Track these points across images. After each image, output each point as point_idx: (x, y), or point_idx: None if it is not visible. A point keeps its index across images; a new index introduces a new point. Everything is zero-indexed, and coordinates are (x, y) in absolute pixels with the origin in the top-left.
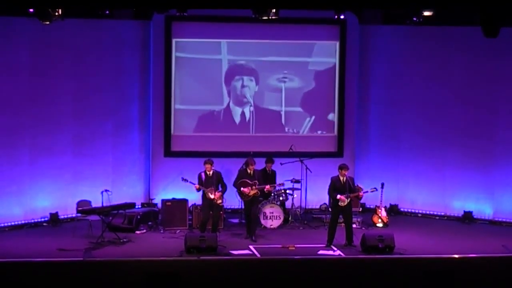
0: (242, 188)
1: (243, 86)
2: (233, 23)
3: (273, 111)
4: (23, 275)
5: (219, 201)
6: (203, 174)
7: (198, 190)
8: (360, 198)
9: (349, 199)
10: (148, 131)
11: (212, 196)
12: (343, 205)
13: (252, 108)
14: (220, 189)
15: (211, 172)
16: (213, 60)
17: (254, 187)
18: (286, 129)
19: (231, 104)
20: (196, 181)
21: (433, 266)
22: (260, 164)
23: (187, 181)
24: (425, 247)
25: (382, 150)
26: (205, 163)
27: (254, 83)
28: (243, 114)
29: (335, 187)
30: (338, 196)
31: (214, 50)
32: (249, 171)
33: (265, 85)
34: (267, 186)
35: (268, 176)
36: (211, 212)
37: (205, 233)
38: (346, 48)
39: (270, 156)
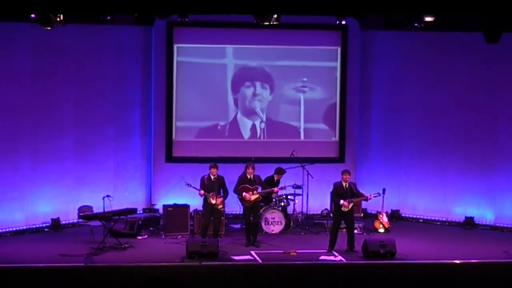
0: (244, 193)
1: (255, 94)
2: (234, 28)
3: (289, 125)
4: (24, 280)
5: (220, 206)
6: (206, 178)
7: (202, 195)
8: (367, 200)
9: (351, 205)
10: (149, 137)
11: (213, 202)
12: (346, 210)
13: (263, 125)
14: (221, 194)
15: (214, 177)
16: (217, 66)
17: (255, 191)
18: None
19: (238, 115)
20: (198, 186)
21: (434, 271)
22: (261, 169)
23: (191, 186)
24: (427, 252)
25: (383, 156)
26: (211, 167)
27: (268, 91)
28: (253, 127)
29: (338, 193)
30: (341, 202)
31: (216, 55)
32: (248, 176)
33: (279, 95)
34: (276, 189)
35: (273, 184)
36: (212, 218)
37: (206, 239)
38: (347, 53)
39: (282, 169)
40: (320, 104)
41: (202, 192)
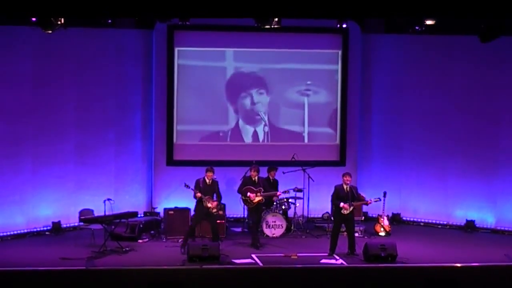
0: (248, 193)
1: (253, 103)
2: (235, 32)
3: (292, 129)
4: (25, 284)
5: (215, 210)
6: (201, 181)
7: (198, 198)
8: (368, 204)
9: (352, 208)
10: (150, 140)
11: (209, 205)
12: (346, 213)
13: (267, 128)
14: (215, 198)
15: (210, 181)
16: (218, 69)
17: (258, 194)
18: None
19: (240, 122)
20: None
21: (435, 275)
22: (263, 173)
23: (189, 187)
24: (428, 256)
25: (384, 159)
26: (207, 170)
27: (266, 96)
28: (255, 134)
29: (339, 196)
30: (342, 205)
31: (217, 59)
32: (253, 178)
33: (281, 99)
34: (279, 193)
35: (271, 185)
36: (206, 221)
37: (207, 242)
38: (348, 57)
39: (272, 164)
40: (321, 108)
41: (199, 194)
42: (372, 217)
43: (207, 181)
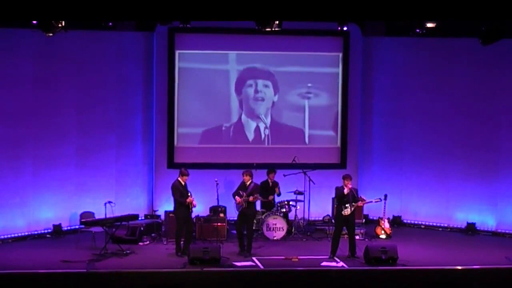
0: (236, 197)
1: (256, 91)
2: (236, 34)
3: (293, 131)
4: (26, 286)
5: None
6: (179, 185)
7: (189, 202)
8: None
9: (353, 208)
10: (151, 143)
11: (194, 205)
12: (347, 213)
13: (267, 131)
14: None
15: (184, 183)
16: (218, 72)
17: (243, 198)
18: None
19: (243, 117)
20: (171, 194)
21: (436, 277)
22: (264, 175)
23: (193, 202)
24: (428, 258)
25: (385, 162)
26: (184, 175)
27: (272, 91)
28: (257, 129)
29: (340, 197)
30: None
31: (218, 61)
32: (245, 182)
33: (283, 101)
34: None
35: (270, 188)
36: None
37: (208, 244)
38: (349, 59)
39: (272, 167)
40: (322, 110)
41: (192, 199)
42: (372, 220)
43: (183, 183)
